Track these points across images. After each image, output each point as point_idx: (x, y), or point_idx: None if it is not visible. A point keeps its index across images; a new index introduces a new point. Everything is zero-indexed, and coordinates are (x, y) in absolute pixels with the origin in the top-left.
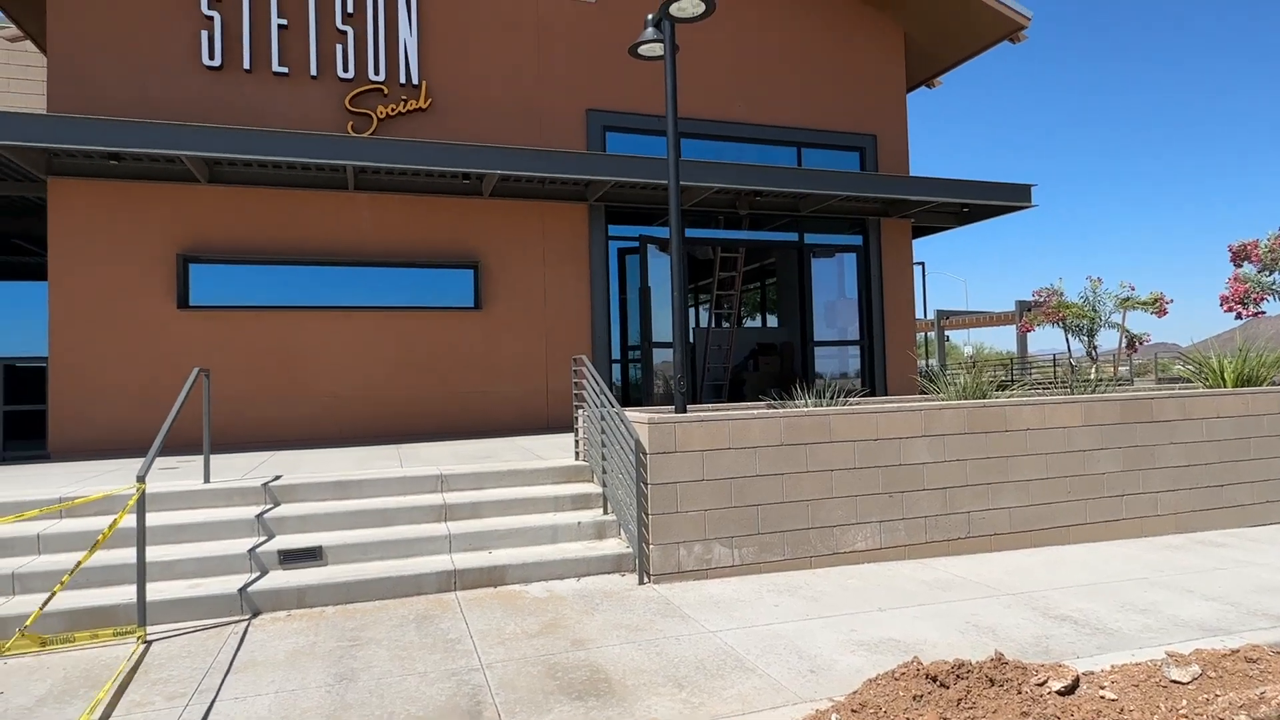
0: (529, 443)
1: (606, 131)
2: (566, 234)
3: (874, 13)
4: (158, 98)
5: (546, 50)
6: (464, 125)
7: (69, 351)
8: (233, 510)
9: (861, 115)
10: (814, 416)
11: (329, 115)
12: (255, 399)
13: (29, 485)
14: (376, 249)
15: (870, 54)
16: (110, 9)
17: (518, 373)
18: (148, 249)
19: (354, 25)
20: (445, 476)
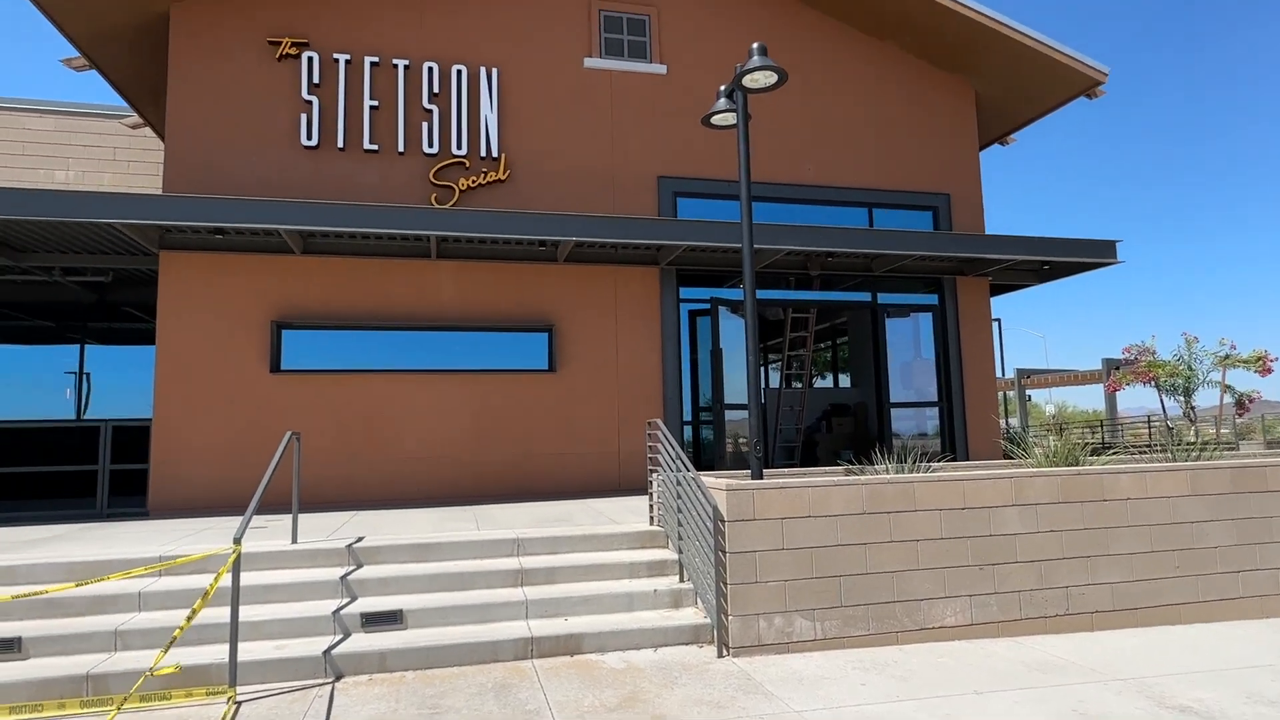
0: (602, 505)
1: (677, 197)
2: (638, 297)
3: (945, 74)
4: (260, 176)
5: (619, 121)
6: (540, 194)
7: (170, 413)
8: (318, 571)
9: (934, 174)
10: (896, 484)
11: (414, 188)
12: (339, 459)
13: (131, 543)
14: (455, 313)
15: (941, 114)
16: (221, 97)
17: (590, 434)
18: (245, 316)
19: (439, 104)
20: (521, 540)
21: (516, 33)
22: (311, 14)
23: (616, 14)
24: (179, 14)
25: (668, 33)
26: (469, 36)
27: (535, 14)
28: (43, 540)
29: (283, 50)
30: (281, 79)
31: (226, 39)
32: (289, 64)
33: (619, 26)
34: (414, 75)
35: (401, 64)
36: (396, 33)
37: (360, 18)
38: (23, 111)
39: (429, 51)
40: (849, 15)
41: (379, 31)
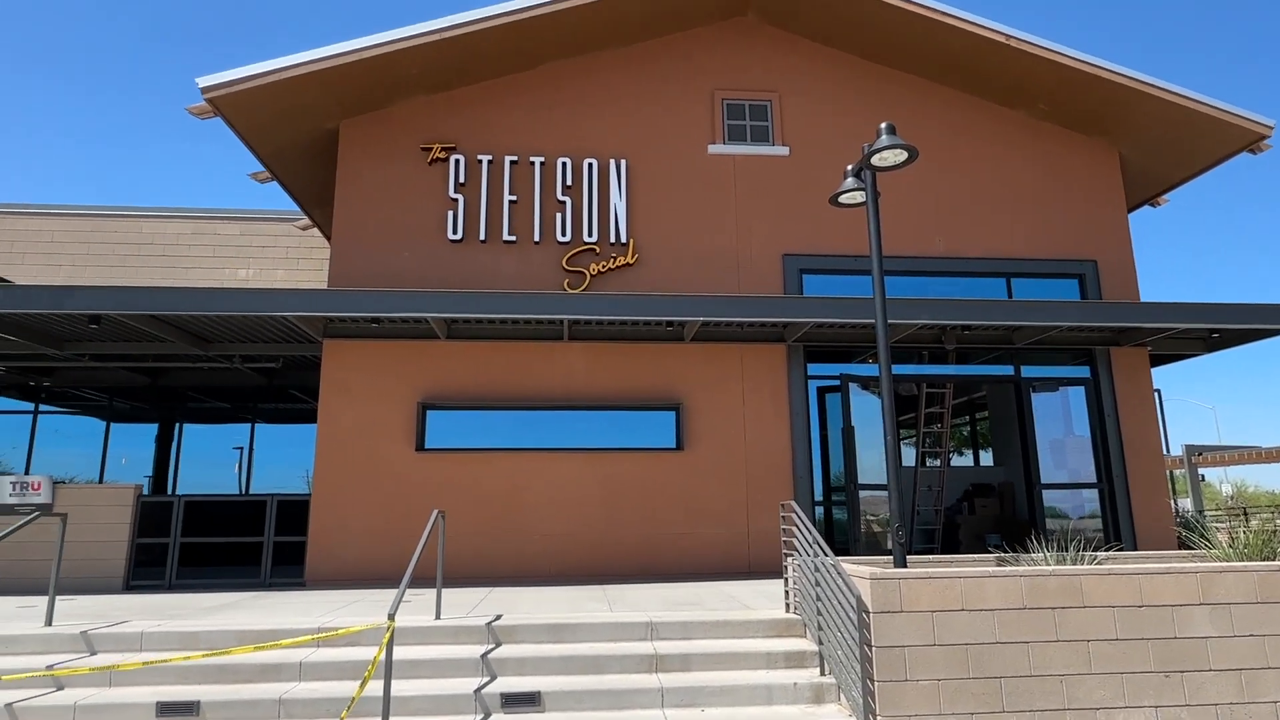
0: (733, 589)
1: (803, 274)
2: (765, 374)
3: (1083, 138)
4: (411, 268)
5: (743, 202)
6: (667, 276)
7: (327, 489)
8: (460, 649)
9: (1078, 240)
10: (1060, 577)
11: (549, 274)
12: (476, 535)
13: (292, 613)
14: (585, 393)
15: (1082, 178)
16: (380, 199)
17: (719, 514)
18: (394, 398)
19: (571, 195)
20: (654, 624)
21: (642, 125)
22: (459, 121)
23: (739, 101)
24: (347, 129)
25: (789, 115)
26: (598, 132)
27: (660, 107)
28: (219, 607)
29: (433, 155)
30: (432, 180)
31: (386, 148)
32: (438, 167)
33: (741, 113)
34: (548, 170)
35: (537, 160)
36: (533, 133)
37: (501, 122)
38: (215, 219)
39: (562, 148)
40: (976, 88)
41: (517, 132)
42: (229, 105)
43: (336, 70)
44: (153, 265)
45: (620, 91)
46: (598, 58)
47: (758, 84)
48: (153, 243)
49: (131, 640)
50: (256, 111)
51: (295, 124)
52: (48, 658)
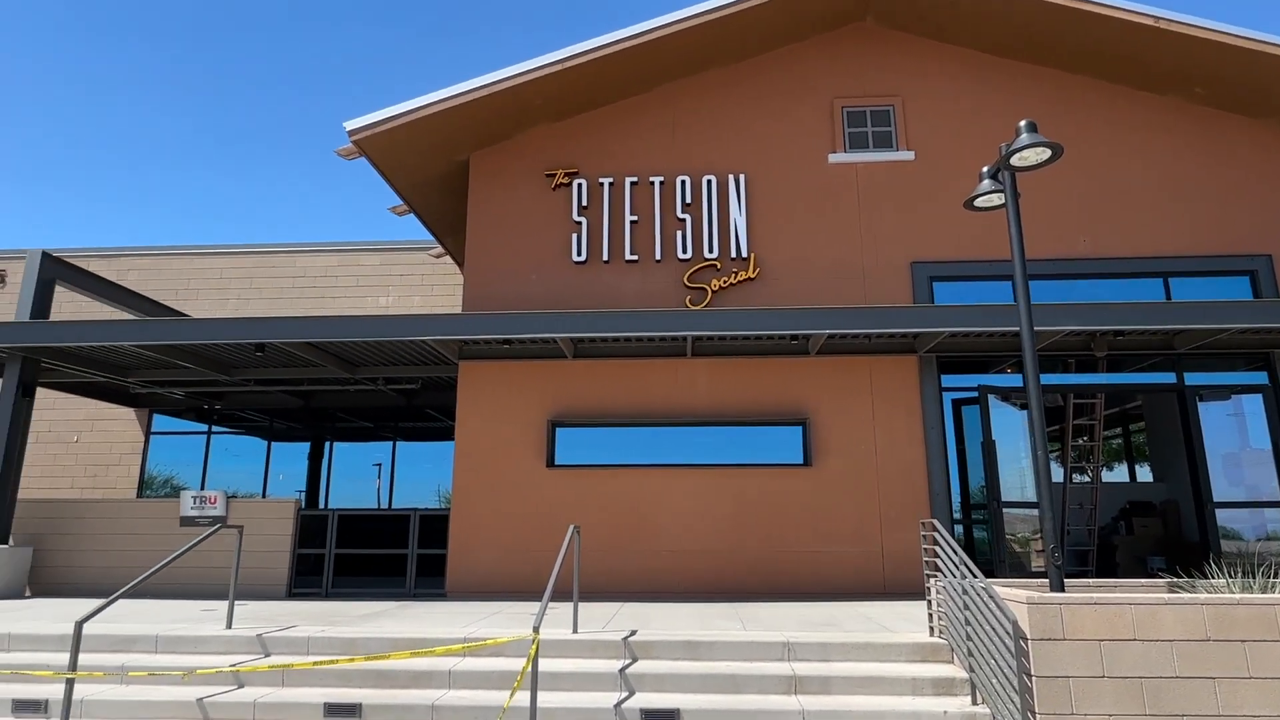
0: (869, 610)
1: (933, 281)
2: (896, 387)
3: (1249, 121)
4: (538, 291)
5: (867, 210)
6: (790, 289)
7: (465, 504)
8: (597, 663)
9: (1247, 234)
10: (1251, 606)
11: (670, 292)
12: (604, 550)
13: (438, 623)
14: (709, 409)
15: (1250, 165)
16: (508, 226)
17: (849, 532)
18: (525, 416)
19: (691, 213)
20: (791, 645)
21: (760, 139)
22: (580, 147)
23: (859, 108)
24: (476, 159)
25: (913, 119)
26: (716, 148)
27: (777, 120)
28: (371, 615)
29: (557, 180)
30: (557, 205)
31: (513, 176)
32: (562, 192)
33: (862, 120)
34: (668, 189)
35: (657, 180)
36: (651, 153)
37: (620, 145)
38: (359, 251)
39: (680, 166)
40: (1121, 75)
41: (636, 154)
42: (372, 145)
43: (468, 105)
44: (306, 296)
45: (737, 107)
46: (713, 75)
47: (878, 89)
48: (305, 275)
49: (299, 644)
50: (396, 150)
51: (430, 159)
52: (229, 658)
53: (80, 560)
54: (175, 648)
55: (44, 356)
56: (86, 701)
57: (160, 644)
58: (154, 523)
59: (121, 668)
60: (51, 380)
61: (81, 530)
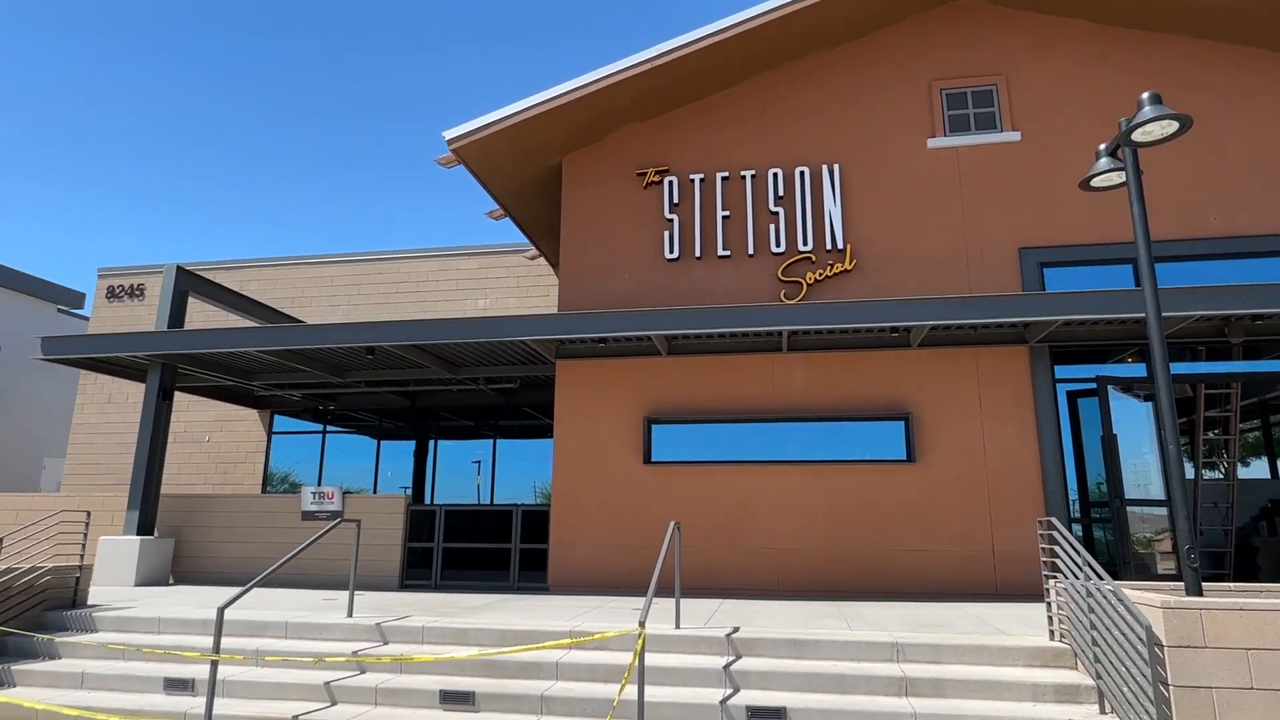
0: (980, 611)
1: (1043, 268)
2: (1005, 379)
3: None
4: (631, 290)
5: (970, 196)
6: (889, 280)
7: (564, 500)
8: (701, 659)
9: None
10: None
11: (764, 286)
12: (702, 547)
13: (542, 616)
14: (806, 404)
15: None
16: (600, 226)
17: (957, 531)
18: (621, 414)
19: (784, 206)
20: (900, 645)
21: (854, 128)
22: (671, 145)
23: (959, 89)
24: (569, 162)
25: (1019, 98)
26: (808, 139)
27: (872, 107)
28: (479, 608)
29: (648, 179)
30: (648, 203)
31: (605, 177)
32: (653, 190)
33: (963, 102)
34: (760, 183)
35: (748, 174)
36: (742, 147)
37: (710, 140)
38: (457, 255)
39: (772, 159)
40: (1257, 38)
41: (727, 149)
42: (469, 153)
43: (560, 109)
44: (409, 300)
45: (829, 96)
46: (804, 65)
47: (980, 69)
48: (408, 280)
49: (415, 633)
50: (492, 156)
51: (524, 163)
52: (351, 644)
53: (213, 551)
54: (303, 634)
55: (180, 363)
56: (227, 682)
57: (289, 630)
58: (278, 516)
59: (257, 652)
60: (186, 385)
61: (214, 523)
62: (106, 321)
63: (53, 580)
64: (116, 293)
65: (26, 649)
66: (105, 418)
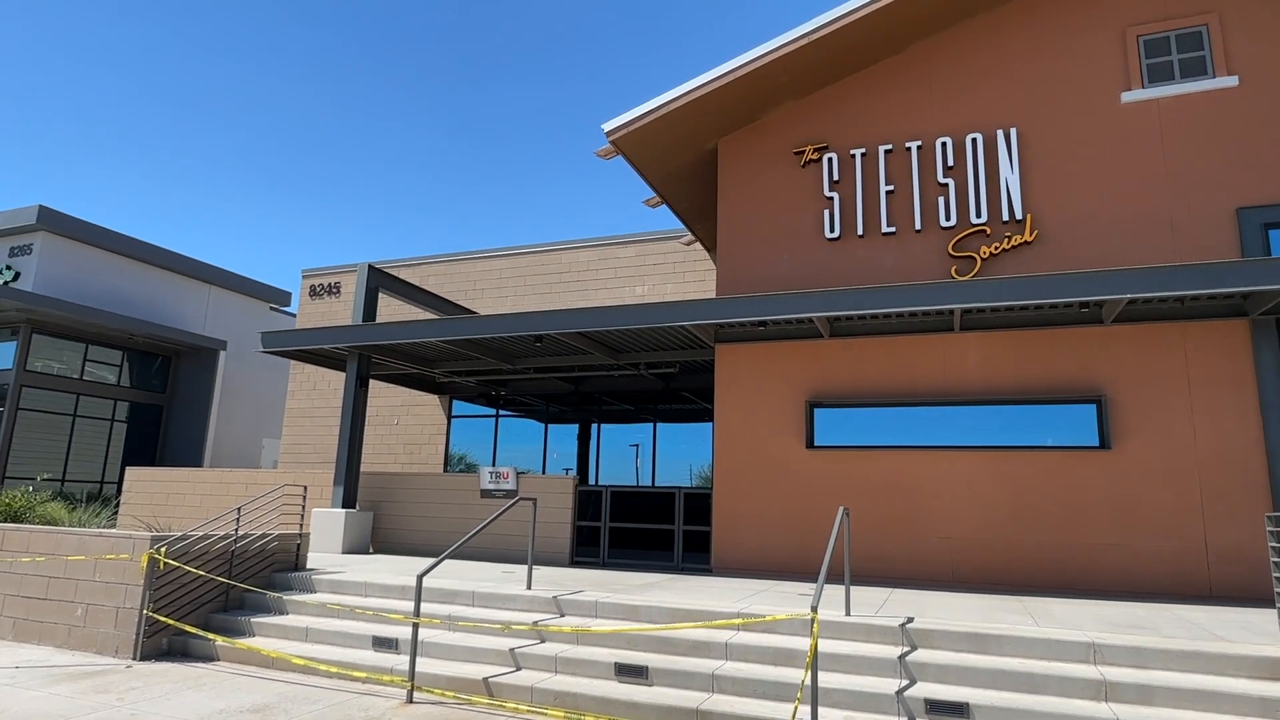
0: (1189, 614)
1: (1268, 229)
2: (1220, 356)
3: None
4: (791, 271)
5: (1173, 153)
6: (1076, 251)
7: (726, 484)
8: (874, 647)
9: None
10: None
11: (933, 263)
12: (868, 533)
13: (709, 597)
14: (980, 387)
15: None
16: (758, 207)
17: (1161, 525)
18: (782, 397)
19: (954, 176)
20: (1097, 646)
21: (1033, 87)
22: (828, 120)
23: (1160, 34)
24: (725, 145)
25: (1234, 38)
26: (980, 104)
27: (1055, 64)
28: (646, 586)
29: (806, 157)
30: (806, 182)
31: (760, 158)
32: (811, 168)
33: (1164, 48)
34: (926, 154)
35: (914, 145)
36: (906, 118)
37: (871, 113)
38: (615, 244)
39: (941, 127)
40: None
41: (890, 120)
42: (627, 143)
43: (715, 93)
44: (571, 289)
45: (1003, 55)
46: (973, 24)
47: (1185, 8)
48: (569, 270)
49: (588, 607)
50: (649, 144)
51: (679, 149)
52: (532, 615)
53: (404, 524)
54: (488, 603)
55: (374, 353)
56: (424, 644)
57: (476, 599)
58: (459, 494)
59: (449, 617)
60: (378, 373)
61: (405, 499)
62: (310, 317)
63: (279, 545)
64: (318, 291)
65: (261, 605)
66: (312, 403)
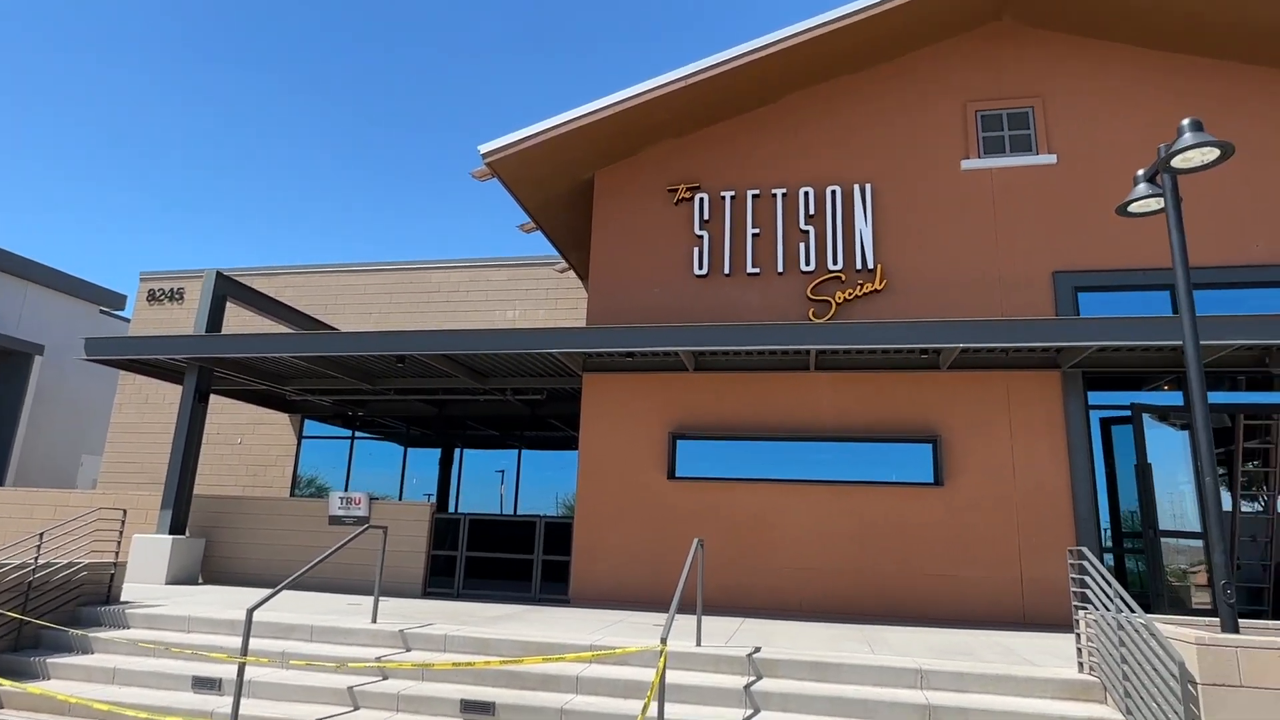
0: (1007, 640)
1: (1078, 292)
2: (1036, 404)
3: None
4: (660, 304)
5: (1004, 218)
6: (919, 301)
7: (588, 513)
8: (721, 678)
9: None
10: None
11: (793, 304)
12: (724, 564)
13: (563, 629)
14: (832, 424)
15: None
16: (631, 240)
17: (985, 557)
18: (646, 427)
19: (815, 224)
20: (924, 672)
21: (887, 148)
22: (703, 162)
23: (995, 111)
24: (602, 177)
25: (1055, 121)
26: (840, 159)
27: (906, 128)
28: (500, 618)
29: (680, 195)
30: (679, 219)
31: (636, 192)
32: (684, 206)
33: (998, 124)
34: (790, 201)
35: (779, 192)
36: (774, 165)
37: (742, 158)
38: (488, 267)
39: (805, 177)
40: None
41: (759, 166)
42: (504, 166)
43: (595, 124)
44: (440, 310)
45: (863, 116)
46: (838, 84)
47: (1016, 90)
48: (439, 290)
49: (437, 641)
50: (526, 170)
51: (557, 177)
52: (375, 650)
53: (241, 552)
54: (327, 638)
55: (217, 366)
56: (253, 683)
57: (315, 633)
58: (305, 520)
59: (283, 654)
60: (221, 388)
61: (244, 525)
62: (147, 324)
63: (89, 576)
64: (157, 296)
65: (62, 643)
66: (142, 418)
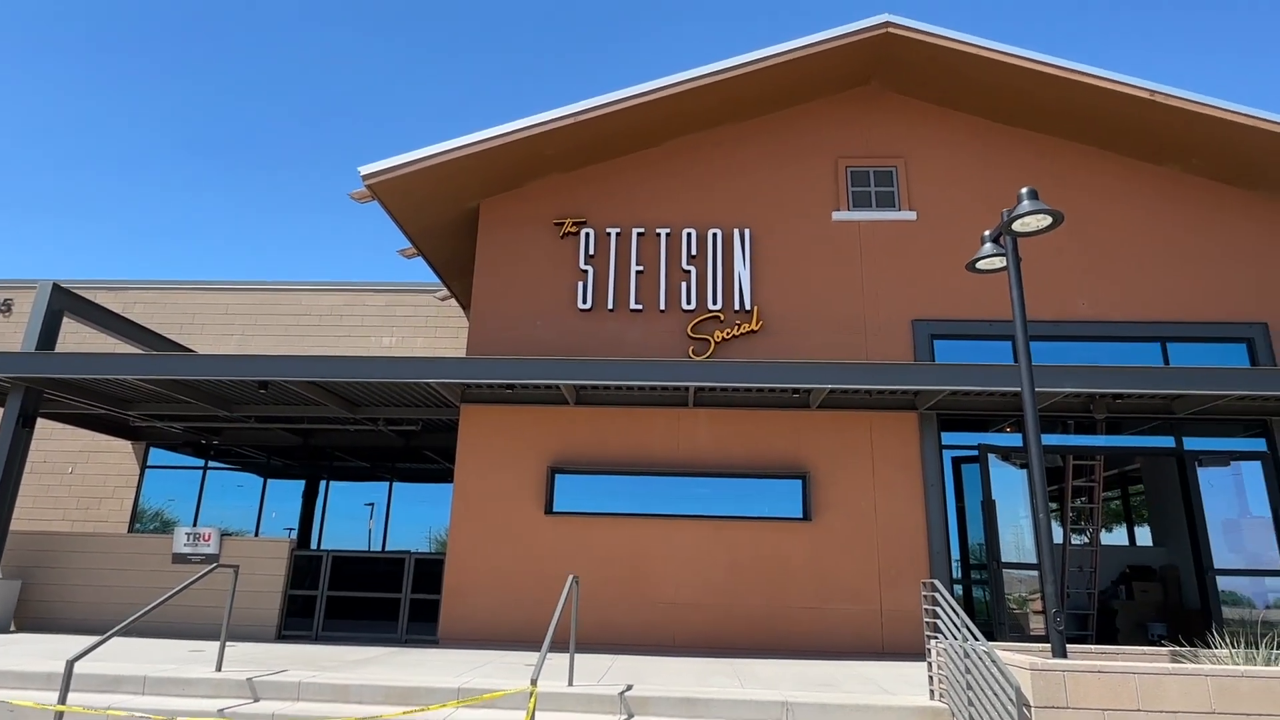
0: (867, 670)
1: (934, 339)
2: (896, 443)
3: (1243, 193)
4: (543, 337)
5: (870, 268)
6: (792, 342)
7: (460, 549)
8: (593, 718)
9: (1244, 301)
10: (1256, 679)
11: (673, 342)
12: (600, 601)
13: (430, 672)
14: (711, 460)
15: (1245, 235)
16: (515, 272)
17: (848, 590)
18: (525, 461)
19: (696, 265)
20: (790, 705)
21: (766, 195)
22: (589, 198)
23: (863, 168)
24: (487, 207)
25: (916, 181)
26: (722, 203)
27: (783, 177)
28: (363, 661)
29: (565, 229)
30: (564, 253)
31: (522, 224)
32: (570, 240)
33: (866, 180)
34: (674, 241)
35: (663, 232)
36: (659, 205)
37: (628, 196)
38: (364, 291)
39: (687, 219)
40: (1119, 145)
41: (644, 205)
42: (385, 190)
43: (482, 154)
44: (310, 334)
45: (744, 163)
46: (721, 132)
47: (882, 150)
48: (310, 313)
49: (290, 689)
50: (408, 195)
51: (441, 204)
52: (218, 702)
53: (69, 595)
54: (163, 689)
55: (47, 388)
56: None
57: (148, 685)
58: (146, 559)
59: (108, 709)
60: (52, 411)
61: (71, 564)
62: None
63: None
64: None
65: None
66: None
